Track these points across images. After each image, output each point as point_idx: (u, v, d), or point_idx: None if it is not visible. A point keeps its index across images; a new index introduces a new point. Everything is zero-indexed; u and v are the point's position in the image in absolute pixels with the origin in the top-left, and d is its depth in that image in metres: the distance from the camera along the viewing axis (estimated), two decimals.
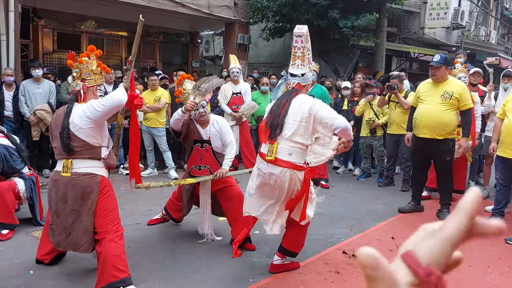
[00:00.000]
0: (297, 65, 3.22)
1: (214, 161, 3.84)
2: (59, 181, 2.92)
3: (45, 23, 9.51)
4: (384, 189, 6.33)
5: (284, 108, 3.09)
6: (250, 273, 3.32)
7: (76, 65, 3.07)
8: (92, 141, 2.95)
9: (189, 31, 12.60)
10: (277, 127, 3.07)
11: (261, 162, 3.16)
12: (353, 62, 13.24)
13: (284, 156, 3.03)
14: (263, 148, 3.19)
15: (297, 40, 3.15)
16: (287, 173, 3.01)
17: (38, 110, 5.98)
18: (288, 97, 3.16)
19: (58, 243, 2.99)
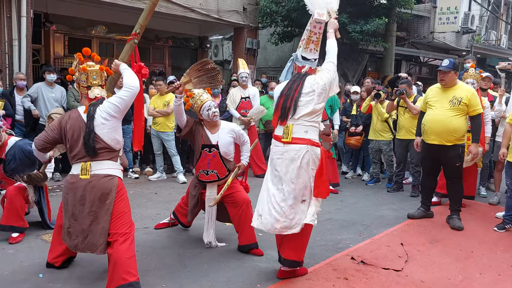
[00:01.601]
0: (310, 49, 3.24)
1: (222, 166, 3.85)
2: (76, 183, 2.93)
3: (57, 28, 9.65)
4: (393, 195, 6.28)
5: (298, 90, 3.14)
6: (258, 278, 3.30)
7: (95, 71, 3.08)
8: (113, 144, 2.99)
9: (198, 36, 12.68)
10: (289, 109, 3.12)
11: (276, 145, 3.22)
12: (362, 67, 13.20)
13: (300, 134, 3.11)
14: (276, 130, 3.25)
15: (315, 25, 3.17)
16: (305, 149, 3.08)
17: (54, 114, 6.03)
18: (300, 80, 3.20)
19: (76, 246, 3.01)
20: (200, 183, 3.97)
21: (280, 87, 3.33)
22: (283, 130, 3.16)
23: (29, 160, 3.98)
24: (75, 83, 3.19)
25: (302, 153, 3.09)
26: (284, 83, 3.33)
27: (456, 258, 3.83)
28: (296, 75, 3.28)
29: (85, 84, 3.07)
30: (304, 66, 3.27)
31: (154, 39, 11.80)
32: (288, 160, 3.11)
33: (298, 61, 3.30)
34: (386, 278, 3.34)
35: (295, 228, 3.10)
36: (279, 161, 3.17)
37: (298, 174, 3.09)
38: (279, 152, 3.18)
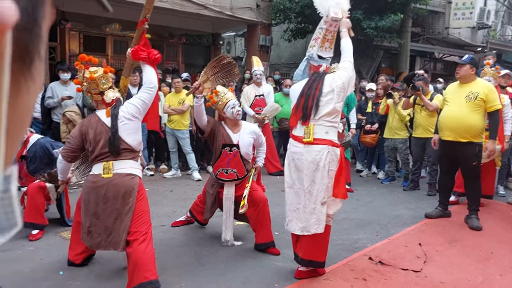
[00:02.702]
0: (325, 47, 3.26)
1: (241, 166, 3.85)
2: (99, 182, 2.97)
3: (72, 26, 9.72)
4: (410, 194, 6.22)
5: (318, 89, 3.14)
6: (275, 278, 3.30)
7: (103, 76, 3.09)
8: (135, 144, 3.03)
9: (211, 33, 12.67)
10: (311, 108, 3.12)
11: (295, 146, 3.21)
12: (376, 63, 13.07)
13: (321, 135, 3.12)
14: (296, 131, 3.23)
15: (331, 24, 3.19)
16: (326, 150, 3.08)
17: (68, 112, 6.11)
18: (320, 79, 3.20)
19: (99, 244, 3.04)
20: (217, 182, 3.97)
21: (298, 87, 3.31)
22: (304, 131, 3.15)
23: (49, 158, 4.03)
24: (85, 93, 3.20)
25: (324, 154, 3.08)
26: (301, 83, 3.32)
27: (476, 259, 3.77)
28: (315, 75, 3.27)
29: (97, 91, 3.10)
30: (320, 65, 3.28)
31: (168, 37, 11.83)
32: (308, 161, 3.11)
33: (314, 60, 3.31)
34: (405, 279, 3.31)
35: (316, 228, 3.09)
36: (299, 162, 3.16)
37: (319, 175, 3.08)
38: (299, 153, 3.17)
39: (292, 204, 3.27)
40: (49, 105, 6.30)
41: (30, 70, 0.26)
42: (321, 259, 3.25)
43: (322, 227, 3.11)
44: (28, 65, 0.26)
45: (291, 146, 3.26)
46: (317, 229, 3.10)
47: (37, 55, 0.26)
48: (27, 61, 0.26)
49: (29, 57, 0.26)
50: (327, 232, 3.23)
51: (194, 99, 3.83)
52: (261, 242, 3.82)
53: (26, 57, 0.25)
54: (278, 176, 7.00)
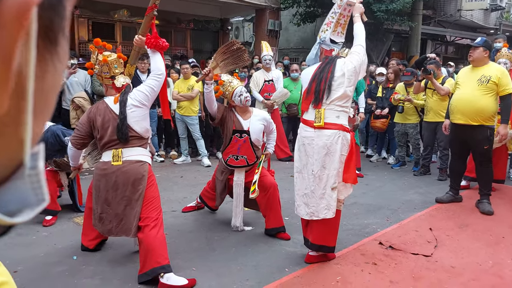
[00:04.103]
0: (337, 32, 3.25)
1: (251, 152, 3.86)
2: (108, 170, 3.00)
3: (80, 13, 9.71)
4: (420, 178, 6.19)
5: (330, 72, 3.13)
6: (286, 262, 3.32)
7: (116, 60, 3.09)
8: (143, 132, 3.04)
9: (220, 18, 12.58)
10: (324, 92, 3.11)
11: (305, 130, 3.20)
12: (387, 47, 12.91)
13: (332, 119, 3.10)
14: (307, 115, 3.22)
15: (346, 8, 3.17)
16: (337, 135, 3.07)
17: (77, 98, 6.15)
18: (332, 62, 3.19)
19: (110, 231, 3.09)
20: (227, 169, 3.99)
21: (310, 71, 3.29)
22: (314, 115, 3.13)
23: (60, 145, 4.06)
24: (96, 76, 3.20)
25: (335, 139, 3.07)
26: (313, 67, 3.30)
27: (486, 243, 3.76)
28: (328, 58, 3.24)
29: (108, 75, 3.10)
30: (333, 49, 3.27)
31: (176, 22, 11.77)
32: (319, 146, 3.10)
33: (325, 44, 3.29)
34: (415, 264, 3.31)
35: (325, 214, 3.10)
36: (309, 147, 3.16)
37: (330, 160, 3.08)
38: (309, 137, 3.16)
39: (300, 189, 3.28)
40: None
41: (56, 49, 0.26)
42: (331, 244, 3.27)
43: (332, 212, 3.12)
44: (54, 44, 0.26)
45: (302, 131, 3.25)
46: (326, 214, 3.11)
47: (62, 34, 0.27)
48: (52, 39, 0.26)
49: (55, 36, 0.26)
50: (337, 217, 3.24)
51: (204, 85, 3.82)
52: (272, 227, 3.84)
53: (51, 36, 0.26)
54: (288, 162, 7.01)
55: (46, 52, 0.25)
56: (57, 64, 0.27)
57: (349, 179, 3.12)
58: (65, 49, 0.28)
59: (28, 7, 0.21)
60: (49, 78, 0.27)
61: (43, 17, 0.24)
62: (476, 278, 3.11)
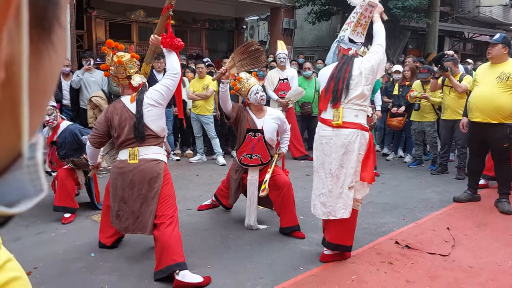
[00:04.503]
0: (357, 32, 3.23)
1: (265, 151, 3.86)
2: (125, 168, 3.04)
3: (98, 14, 9.85)
4: (437, 177, 6.11)
5: (348, 71, 3.13)
6: (301, 261, 3.32)
7: (131, 61, 3.12)
8: (159, 130, 3.08)
9: (234, 17, 12.61)
10: (342, 91, 3.11)
11: (323, 129, 3.21)
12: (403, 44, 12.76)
13: (351, 118, 3.10)
14: (325, 114, 3.23)
15: (367, 9, 3.15)
16: (355, 134, 3.07)
17: (94, 97, 6.24)
18: (349, 61, 3.18)
19: (126, 228, 3.14)
20: (241, 167, 4.00)
21: (328, 70, 3.29)
22: (333, 114, 3.14)
23: (78, 144, 4.13)
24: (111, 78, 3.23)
25: (353, 138, 3.07)
26: (331, 66, 3.30)
27: (505, 243, 3.70)
28: (345, 57, 3.24)
29: (124, 75, 3.14)
30: (350, 48, 3.25)
31: (191, 22, 11.85)
32: (337, 145, 3.10)
33: (344, 43, 3.27)
34: (432, 263, 3.28)
35: (342, 213, 3.11)
36: (327, 146, 3.16)
37: (347, 159, 3.08)
38: (328, 137, 3.17)
39: (317, 189, 3.28)
40: (74, 82, 6.43)
41: (51, 38, 0.26)
42: (348, 243, 3.26)
43: (349, 211, 3.11)
44: (48, 32, 0.25)
45: (320, 130, 3.26)
46: (343, 214, 3.11)
47: (56, 22, 0.26)
48: (46, 27, 0.25)
49: (48, 24, 0.25)
50: (354, 217, 3.23)
51: (219, 84, 3.84)
52: (286, 226, 3.84)
53: (45, 25, 0.25)
54: (303, 161, 7.00)
55: (40, 42, 0.25)
56: (52, 55, 0.26)
57: (366, 178, 3.10)
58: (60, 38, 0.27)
59: None
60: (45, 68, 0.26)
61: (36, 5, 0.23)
62: (495, 278, 3.06)
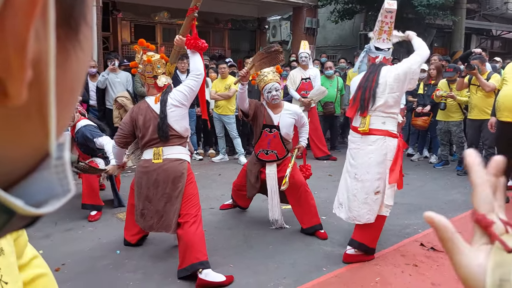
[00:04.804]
0: (382, 39, 3.30)
1: (281, 147, 3.87)
2: (150, 167, 3.10)
3: (123, 16, 10.02)
4: (464, 178, 5.97)
5: (374, 81, 3.20)
6: (324, 262, 3.31)
7: (159, 61, 3.17)
8: (182, 131, 3.12)
9: (257, 17, 12.63)
10: (368, 100, 3.19)
11: (353, 136, 3.33)
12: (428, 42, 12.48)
13: (378, 125, 3.19)
14: (355, 122, 3.34)
15: (387, 15, 3.21)
16: (382, 140, 3.15)
17: (119, 97, 6.36)
18: (376, 70, 3.25)
19: (151, 227, 3.19)
20: (259, 162, 4.02)
21: (357, 79, 3.39)
22: (360, 121, 3.25)
23: (87, 146, 4.17)
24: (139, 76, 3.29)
25: (379, 144, 3.14)
26: (360, 75, 3.40)
27: None
28: (372, 66, 3.32)
29: (151, 74, 3.19)
30: (377, 56, 3.31)
31: (214, 22, 11.93)
32: (364, 151, 3.19)
33: (371, 52, 3.36)
34: None
35: (368, 219, 3.14)
36: (355, 151, 3.25)
37: (373, 164, 3.12)
38: (356, 143, 3.28)
39: (340, 191, 3.37)
40: (100, 82, 6.56)
41: (78, 36, 0.25)
42: (371, 245, 3.25)
43: (374, 217, 3.13)
44: (74, 31, 0.25)
45: (350, 136, 3.39)
46: (368, 219, 3.14)
47: (83, 21, 0.25)
48: (73, 27, 0.25)
49: (75, 22, 0.25)
50: (381, 222, 3.26)
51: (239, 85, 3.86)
52: (308, 226, 3.82)
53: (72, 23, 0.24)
54: (325, 161, 6.96)
55: (67, 41, 0.24)
56: (79, 53, 0.26)
57: (393, 181, 3.12)
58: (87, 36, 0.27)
59: None
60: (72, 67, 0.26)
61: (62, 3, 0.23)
62: None
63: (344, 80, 7.97)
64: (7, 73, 0.21)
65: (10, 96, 0.21)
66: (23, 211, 0.23)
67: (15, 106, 0.22)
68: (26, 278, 0.65)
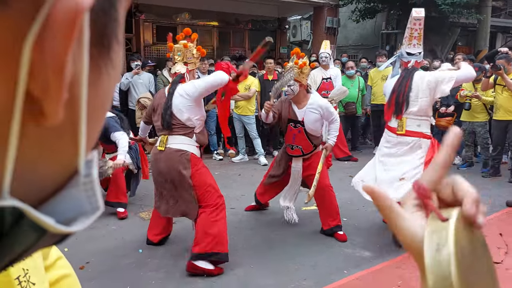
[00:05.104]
0: (413, 44, 3.53)
1: (307, 142, 3.83)
2: (156, 155, 3.20)
3: (145, 17, 10.16)
4: (489, 180, 5.84)
5: (408, 85, 3.47)
6: (344, 264, 3.29)
7: (179, 48, 3.21)
8: (188, 123, 3.14)
9: (277, 17, 12.60)
10: (402, 104, 3.47)
11: (390, 136, 3.64)
12: (452, 41, 12.27)
13: (413, 128, 3.49)
14: (391, 123, 3.64)
15: (415, 23, 3.46)
16: (418, 142, 3.49)
17: (142, 98, 6.47)
18: (409, 75, 3.51)
19: (167, 211, 3.27)
20: (286, 154, 4.03)
21: (390, 83, 3.64)
22: (397, 123, 3.54)
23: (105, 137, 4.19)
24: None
25: (415, 146, 3.48)
26: (394, 79, 3.63)
27: None
28: (405, 71, 3.55)
29: (173, 61, 3.28)
30: (409, 61, 3.55)
31: (234, 23, 11.97)
32: (401, 151, 3.53)
33: (403, 57, 3.59)
34: None
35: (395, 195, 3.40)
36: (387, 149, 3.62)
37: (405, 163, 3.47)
38: (392, 142, 3.61)
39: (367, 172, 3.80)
40: (123, 84, 6.68)
41: (110, 55, 0.25)
42: None
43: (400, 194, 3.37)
44: (107, 49, 0.25)
45: (386, 136, 3.70)
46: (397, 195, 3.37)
47: (115, 39, 0.26)
48: (106, 45, 0.25)
49: (108, 41, 0.25)
50: None
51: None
52: (328, 228, 3.80)
53: (105, 42, 0.25)
54: (346, 161, 6.90)
55: (100, 59, 0.25)
56: (110, 71, 0.26)
57: None
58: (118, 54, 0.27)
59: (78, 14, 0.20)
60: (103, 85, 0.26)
61: (97, 23, 0.23)
62: None
63: (365, 80, 7.90)
64: (45, 94, 0.21)
65: (46, 115, 0.21)
66: (54, 230, 0.23)
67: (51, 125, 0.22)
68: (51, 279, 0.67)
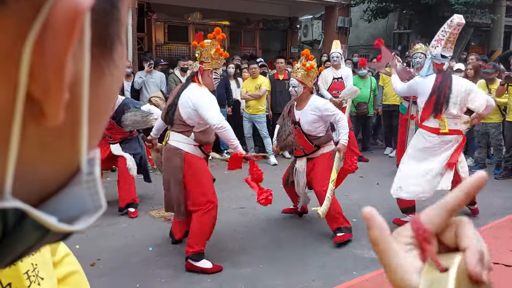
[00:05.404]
0: (447, 48, 3.76)
1: (307, 143, 3.85)
2: (163, 149, 3.35)
3: (157, 17, 10.22)
4: (502, 182, 5.77)
5: (447, 87, 3.74)
6: (353, 265, 3.28)
7: (198, 47, 3.21)
8: (188, 121, 3.16)
9: (288, 17, 12.59)
10: (443, 104, 3.74)
11: (429, 136, 3.90)
12: (465, 41, 12.13)
13: (453, 126, 3.84)
14: (428, 123, 3.89)
15: (456, 28, 3.64)
16: (456, 139, 3.87)
17: (153, 97, 6.48)
18: (449, 77, 3.80)
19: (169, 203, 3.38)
20: (293, 155, 4.14)
21: (428, 82, 3.85)
22: (439, 123, 3.82)
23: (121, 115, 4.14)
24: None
25: (453, 142, 3.84)
26: (429, 79, 3.84)
27: None
28: (442, 74, 3.80)
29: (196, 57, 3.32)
30: (443, 63, 3.80)
31: (245, 23, 11.98)
32: (442, 148, 3.85)
33: (437, 59, 3.80)
34: (494, 273, 3.08)
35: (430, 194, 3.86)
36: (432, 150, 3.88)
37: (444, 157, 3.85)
38: (433, 142, 3.87)
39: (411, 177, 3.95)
40: (136, 83, 6.73)
41: (112, 55, 0.25)
42: None
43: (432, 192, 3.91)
44: (109, 50, 0.25)
45: (426, 136, 3.92)
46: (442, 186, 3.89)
47: (117, 39, 0.26)
48: (108, 45, 0.25)
49: (110, 41, 0.25)
50: None
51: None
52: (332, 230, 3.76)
53: (107, 42, 0.25)
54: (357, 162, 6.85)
55: (102, 60, 0.25)
56: (113, 71, 0.26)
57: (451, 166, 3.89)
58: (121, 55, 0.27)
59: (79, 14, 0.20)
60: (106, 85, 0.26)
61: (98, 23, 0.23)
62: None
63: (377, 80, 7.85)
64: (45, 95, 0.21)
65: (47, 116, 0.22)
66: (56, 228, 0.23)
67: (51, 126, 0.22)
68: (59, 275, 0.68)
